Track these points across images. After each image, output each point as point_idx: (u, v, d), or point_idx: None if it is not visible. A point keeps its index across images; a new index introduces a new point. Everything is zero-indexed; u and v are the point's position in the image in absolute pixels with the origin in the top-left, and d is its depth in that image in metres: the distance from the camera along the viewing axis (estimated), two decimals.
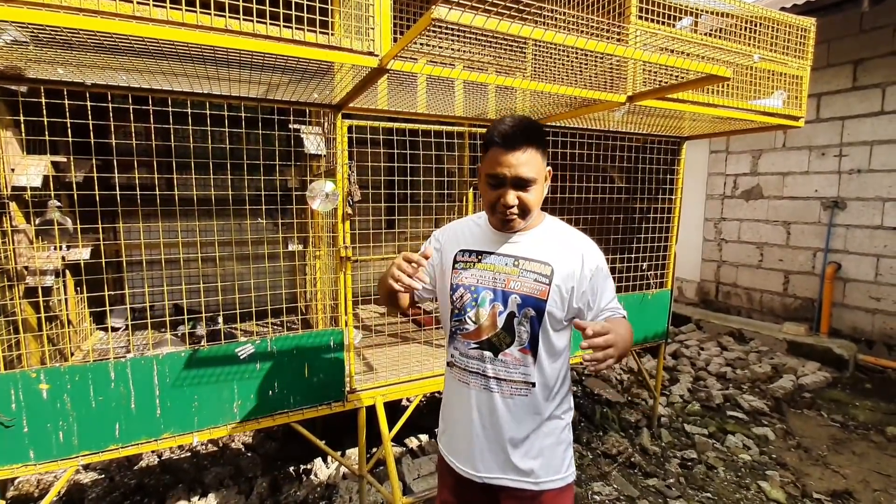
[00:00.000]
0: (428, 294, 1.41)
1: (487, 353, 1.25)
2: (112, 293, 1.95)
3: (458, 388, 1.32)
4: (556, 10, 1.56)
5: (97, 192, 1.86)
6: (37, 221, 1.93)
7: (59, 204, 1.94)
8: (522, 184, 1.16)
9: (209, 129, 2.00)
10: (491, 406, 1.25)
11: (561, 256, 1.23)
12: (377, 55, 1.54)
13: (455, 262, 1.31)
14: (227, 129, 2.08)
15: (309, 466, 2.91)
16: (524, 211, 1.19)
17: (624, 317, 1.26)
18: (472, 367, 1.27)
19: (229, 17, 1.34)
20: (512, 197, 1.16)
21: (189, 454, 3.10)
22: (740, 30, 2.32)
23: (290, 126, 2.23)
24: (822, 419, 3.67)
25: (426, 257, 1.15)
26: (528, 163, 1.14)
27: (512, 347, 1.23)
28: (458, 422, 1.32)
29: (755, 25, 2.36)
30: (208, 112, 2.00)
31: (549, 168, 1.25)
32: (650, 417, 3.56)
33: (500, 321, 1.23)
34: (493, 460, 1.26)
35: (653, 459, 3.09)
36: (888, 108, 4.60)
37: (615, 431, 3.39)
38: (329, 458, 2.95)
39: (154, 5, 1.25)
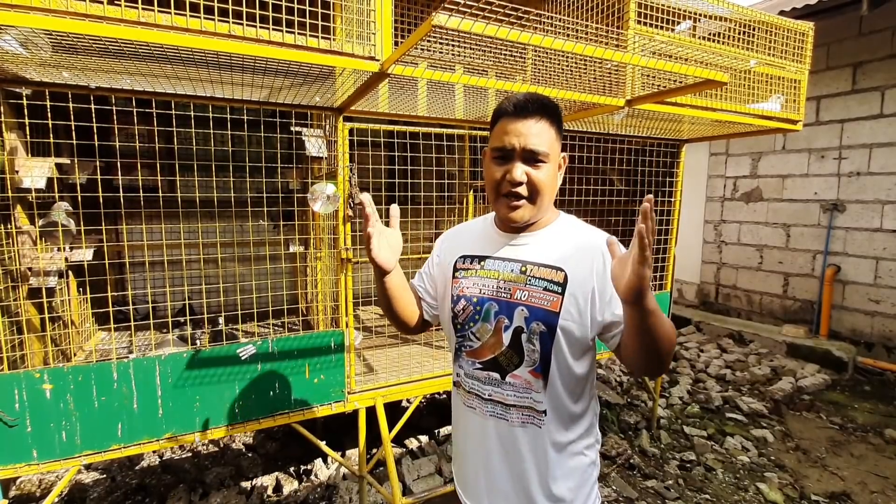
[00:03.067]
0: (435, 310, 1.26)
1: (494, 375, 1.07)
2: (114, 294, 1.97)
3: (464, 413, 1.16)
4: (556, 16, 1.57)
5: (100, 194, 1.88)
6: (40, 223, 1.95)
7: (66, 205, 1.95)
8: (533, 157, 1.00)
9: (211, 131, 2.02)
10: (498, 436, 1.08)
11: (577, 260, 1.03)
12: (378, 60, 1.56)
13: (455, 269, 1.15)
14: (229, 132, 2.10)
15: (309, 467, 2.93)
16: (533, 193, 1.02)
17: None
18: (478, 389, 1.10)
19: (233, 22, 1.35)
20: (520, 171, 1.00)
21: (190, 454, 3.12)
22: (739, 34, 2.33)
23: (292, 129, 2.24)
24: (821, 421, 3.68)
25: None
26: (540, 134, 0.99)
27: (521, 369, 1.05)
28: (465, 450, 1.17)
29: (753, 30, 2.38)
30: (211, 115, 2.02)
31: (565, 156, 1.09)
32: (649, 419, 3.57)
33: (506, 338, 1.05)
34: (501, 498, 1.09)
35: (652, 461, 3.10)
36: (887, 110, 4.62)
37: (614, 433, 3.40)
38: (329, 459, 2.96)
39: (158, 11, 1.27)
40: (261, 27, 1.39)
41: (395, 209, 1.11)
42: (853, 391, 4.22)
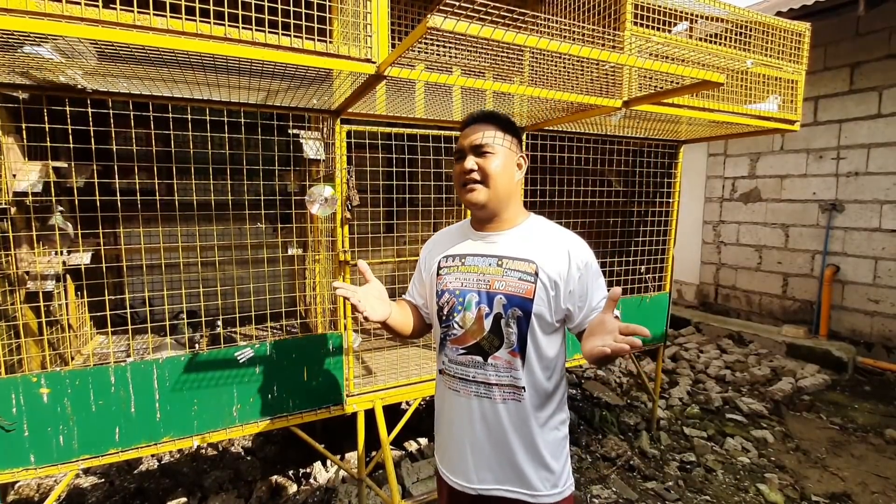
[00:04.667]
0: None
1: (477, 358, 1.21)
2: (112, 297, 1.96)
3: (448, 396, 1.28)
4: (552, 18, 1.58)
5: (98, 198, 1.88)
6: (38, 226, 1.95)
7: (61, 208, 1.95)
8: (479, 150, 1.20)
9: (209, 134, 2.02)
10: (482, 413, 1.21)
11: (546, 254, 1.20)
12: (374, 62, 1.56)
13: (439, 268, 1.30)
14: (226, 135, 2.09)
15: (308, 470, 2.92)
16: (484, 178, 1.20)
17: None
18: (462, 373, 1.24)
19: (229, 25, 1.35)
20: (470, 162, 1.20)
21: (189, 458, 3.11)
22: (735, 35, 2.34)
23: (290, 131, 2.24)
24: (821, 422, 3.68)
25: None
26: (485, 134, 1.20)
27: (501, 350, 1.19)
28: (449, 431, 1.29)
29: (750, 31, 2.38)
30: (208, 118, 2.01)
31: (523, 156, 1.28)
32: (649, 420, 3.57)
33: (487, 324, 1.20)
34: (486, 470, 1.22)
35: (652, 462, 3.10)
36: (885, 110, 4.63)
37: (614, 434, 3.39)
38: (328, 462, 2.96)
39: (154, 14, 1.27)
40: (257, 30, 1.39)
41: (362, 264, 1.26)
42: (853, 391, 4.21)
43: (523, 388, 1.19)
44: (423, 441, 3.26)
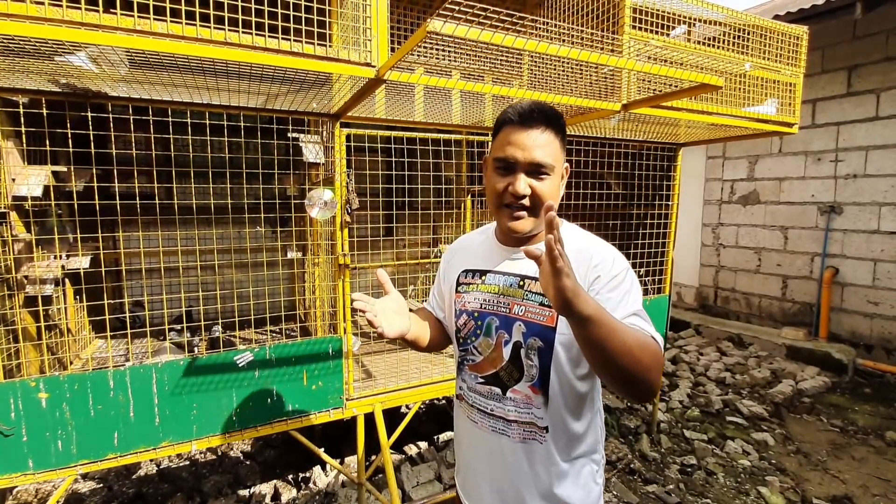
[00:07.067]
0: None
1: (495, 390, 1.06)
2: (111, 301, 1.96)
3: (466, 426, 1.15)
4: (551, 22, 1.58)
5: (97, 202, 1.88)
6: (37, 230, 1.94)
7: (59, 211, 1.95)
8: (537, 170, 0.97)
9: (209, 138, 2.02)
10: (501, 451, 1.06)
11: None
12: (374, 66, 1.56)
13: (458, 284, 1.15)
14: (226, 139, 2.10)
15: (308, 474, 2.91)
16: (536, 205, 0.99)
17: (653, 338, 0.90)
18: (481, 404, 1.09)
19: (229, 29, 1.36)
20: (523, 184, 0.97)
21: (187, 462, 3.10)
22: (734, 38, 2.35)
23: (289, 135, 2.24)
24: (822, 424, 3.67)
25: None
26: (545, 146, 0.96)
27: (521, 384, 1.03)
28: (468, 463, 1.17)
29: (748, 34, 2.40)
30: (208, 121, 2.02)
31: (567, 165, 1.06)
32: (649, 423, 3.56)
33: (506, 352, 1.04)
34: None
35: (652, 465, 3.09)
36: (882, 113, 4.64)
37: (614, 437, 3.38)
38: (328, 466, 2.94)
39: (155, 19, 1.27)
40: (257, 34, 1.39)
41: (381, 274, 1.09)
42: (853, 393, 4.21)
43: (545, 428, 1.02)
44: (424, 445, 3.25)
